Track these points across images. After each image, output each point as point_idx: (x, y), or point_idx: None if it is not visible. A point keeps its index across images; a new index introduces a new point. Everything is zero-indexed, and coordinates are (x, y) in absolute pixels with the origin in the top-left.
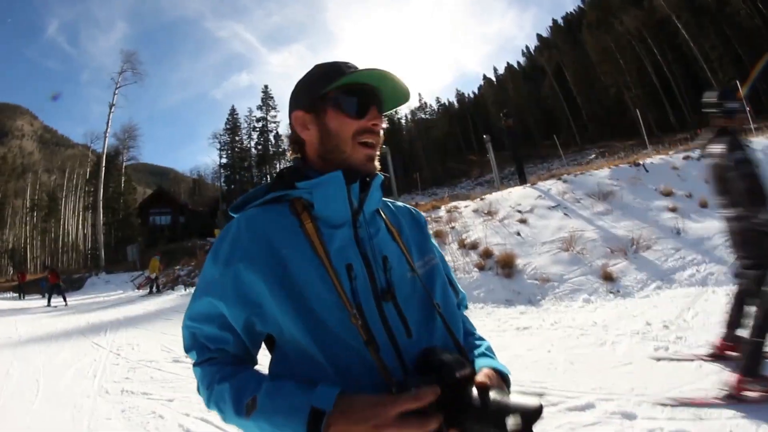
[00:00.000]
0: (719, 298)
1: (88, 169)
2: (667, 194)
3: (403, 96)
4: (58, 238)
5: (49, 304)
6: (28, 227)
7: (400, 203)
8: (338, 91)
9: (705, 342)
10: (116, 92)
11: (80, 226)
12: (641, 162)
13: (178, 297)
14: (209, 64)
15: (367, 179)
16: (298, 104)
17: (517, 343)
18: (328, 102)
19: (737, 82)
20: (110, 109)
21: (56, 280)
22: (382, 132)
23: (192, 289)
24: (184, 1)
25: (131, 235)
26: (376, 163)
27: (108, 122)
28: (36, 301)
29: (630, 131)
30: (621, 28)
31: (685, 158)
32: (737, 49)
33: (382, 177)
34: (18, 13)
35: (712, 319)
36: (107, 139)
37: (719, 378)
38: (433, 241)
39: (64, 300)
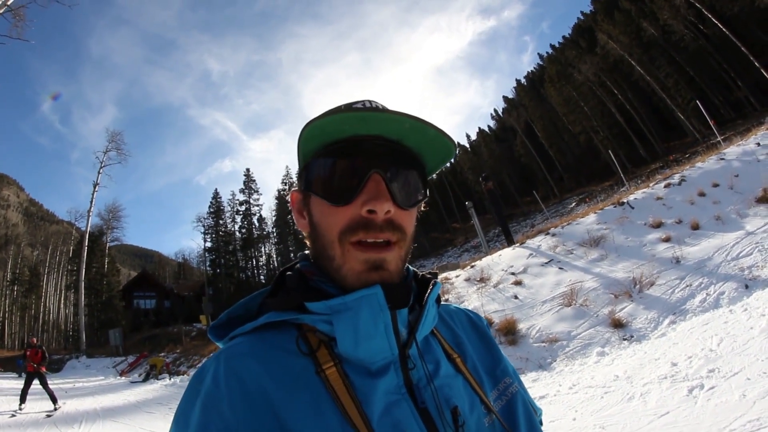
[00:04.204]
0: (739, 317)
1: (72, 248)
2: (657, 226)
3: (439, 145)
4: (38, 315)
5: (22, 403)
6: (7, 301)
7: (452, 306)
8: (316, 158)
9: (741, 366)
10: (100, 171)
11: (62, 305)
12: (625, 200)
13: (162, 387)
14: (193, 150)
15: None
16: (298, 179)
17: None
18: (308, 178)
19: (697, 102)
20: (94, 187)
21: (36, 367)
22: (402, 217)
23: (177, 379)
24: (169, 89)
25: (114, 319)
26: (393, 267)
27: (92, 201)
28: (9, 381)
29: (605, 173)
30: (580, 76)
31: (667, 186)
32: (689, 71)
33: (440, 285)
34: (16, 85)
35: (740, 340)
36: (90, 217)
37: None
38: (502, 351)
39: (53, 399)
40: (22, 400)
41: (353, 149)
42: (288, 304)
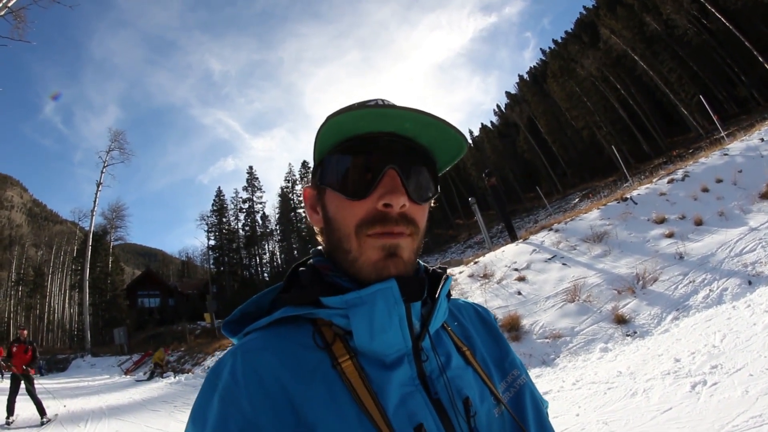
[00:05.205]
0: (742, 313)
1: (75, 247)
2: (661, 221)
3: (452, 142)
4: (43, 315)
5: (10, 415)
6: (12, 301)
7: (460, 300)
8: (332, 153)
9: (744, 362)
10: (103, 171)
11: (66, 305)
12: (628, 196)
13: (167, 385)
14: (195, 150)
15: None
16: (312, 175)
17: None
18: (324, 173)
19: (700, 97)
20: (98, 187)
21: (25, 368)
22: (415, 212)
23: (182, 377)
24: (171, 89)
25: (119, 317)
26: (406, 256)
27: (95, 200)
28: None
29: (608, 168)
30: (583, 72)
31: (670, 182)
32: (692, 66)
33: (452, 279)
34: (18, 87)
35: (742, 336)
36: (94, 217)
37: None
38: (509, 344)
39: (40, 410)
40: (10, 411)
41: (369, 145)
42: (303, 299)
